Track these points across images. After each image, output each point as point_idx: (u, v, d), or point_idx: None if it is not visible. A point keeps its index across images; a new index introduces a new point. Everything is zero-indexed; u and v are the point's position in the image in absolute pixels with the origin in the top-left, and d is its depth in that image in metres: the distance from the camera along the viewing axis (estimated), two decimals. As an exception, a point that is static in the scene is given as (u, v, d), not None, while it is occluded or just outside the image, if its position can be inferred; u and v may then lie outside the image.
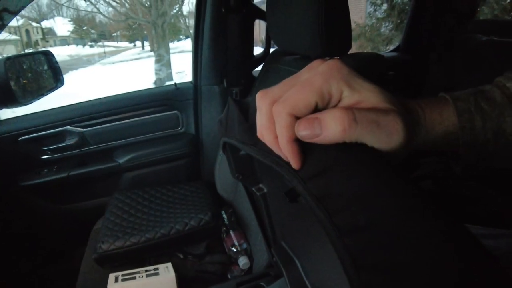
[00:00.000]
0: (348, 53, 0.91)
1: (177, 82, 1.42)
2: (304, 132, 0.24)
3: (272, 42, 1.16)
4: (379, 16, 6.91)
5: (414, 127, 0.27)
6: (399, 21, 6.40)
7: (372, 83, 0.26)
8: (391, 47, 2.00)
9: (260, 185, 0.54)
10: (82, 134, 1.30)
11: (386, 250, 0.20)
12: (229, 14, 1.22)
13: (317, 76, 0.25)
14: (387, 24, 6.86)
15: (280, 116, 0.25)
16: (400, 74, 1.72)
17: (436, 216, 0.21)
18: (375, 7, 6.91)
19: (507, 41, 1.59)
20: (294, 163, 0.26)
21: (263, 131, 0.28)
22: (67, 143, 1.30)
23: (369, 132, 0.24)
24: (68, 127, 1.28)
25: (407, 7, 6.25)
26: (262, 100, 0.27)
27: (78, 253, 1.16)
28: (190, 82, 1.43)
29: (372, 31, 7.04)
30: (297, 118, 0.25)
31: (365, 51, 6.91)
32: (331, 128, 0.24)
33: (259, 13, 1.27)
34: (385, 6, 6.74)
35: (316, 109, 0.25)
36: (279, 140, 0.26)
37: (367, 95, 0.25)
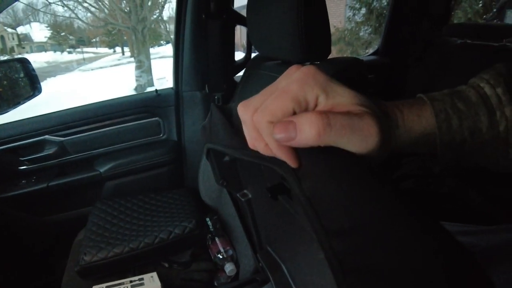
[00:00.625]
0: (328, 57, 0.92)
1: (158, 89, 1.40)
2: (279, 135, 0.25)
3: (253, 47, 1.17)
4: (358, 20, 7.05)
5: (391, 129, 0.28)
6: (377, 24, 6.54)
7: (347, 88, 0.27)
8: (370, 51, 2.04)
9: (245, 191, 0.54)
10: (62, 143, 1.27)
11: (371, 254, 0.20)
12: (210, 20, 1.22)
13: (293, 84, 0.26)
14: (366, 28, 7.00)
15: (261, 126, 0.26)
16: (379, 77, 1.76)
17: (418, 220, 0.22)
18: (354, 11, 7.04)
19: (480, 44, 1.65)
20: (292, 164, 0.26)
21: (254, 142, 0.28)
22: (46, 152, 1.26)
23: (343, 136, 0.25)
24: (47, 136, 1.25)
25: (385, 11, 6.40)
26: (244, 112, 0.28)
27: (60, 266, 1.13)
28: (171, 88, 1.42)
29: (351, 35, 7.17)
30: None
31: (345, 55, 7.03)
32: (305, 132, 0.24)
33: (239, 19, 1.27)
34: (363, 11, 6.87)
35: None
36: (270, 148, 0.27)
37: (342, 99, 0.26)
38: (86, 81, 9.52)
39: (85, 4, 8.91)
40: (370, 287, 0.20)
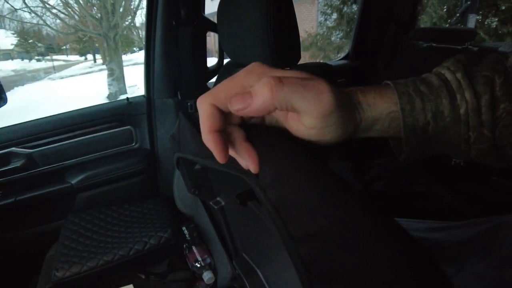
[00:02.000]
0: (300, 63, 0.94)
1: (129, 96, 1.38)
2: (236, 105, 0.25)
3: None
4: (330, 25, 7.19)
5: (352, 104, 0.28)
6: (348, 29, 6.69)
7: (297, 71, 0.27)
8: (342, 55, 2.09)
9: (218, 199, 0.54)
10: (30, 155, 1.23)
11: (336, 258, 0.21)
12: (180, 26, 1.21)
13: (240, 72, 0.27)
14: (337, 32, 7.15)
15: (202, 107, 0.27)
16: (350, 80, 1.80)
17: (382, 224, 0.22)
18: (326, 17, 7.17)
19: (445, 47, 1.72)
20: (217, 155, 0.26)
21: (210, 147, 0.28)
22: (12, 165, 1.21)
23: (296, 92, 0.25)
24: (13, 148, 1.20)
25: (355, 16, 6.56)
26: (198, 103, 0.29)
27: (31, 284, 1.09)
28: (143, 96, 1.40)
29: (323, 40, 7.30)
30: (220, 110, 0.27)
31: (317, 59, 7.15)
32: (260, 94, 0.25)
33: (210, 25, 1.27)
34: (335, 16, 7.02)
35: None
36: (201, 133, 0.27)
37: (291, 74, 0.26)
38: (56, 89, 9.22)
39: (54, 11, 8.67)
40: None
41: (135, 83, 7.61)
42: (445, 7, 5.76)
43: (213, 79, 1.32)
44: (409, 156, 0.30)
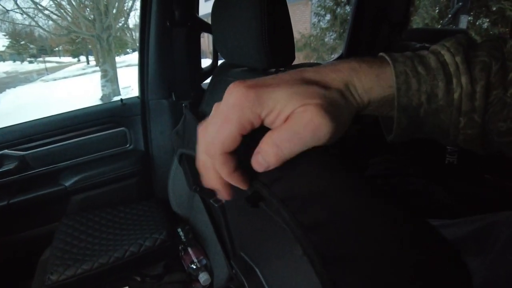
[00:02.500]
0: (294, 63, 0.94)
1: (123, 98, 1.37)
2: (258, 168, 0.27)
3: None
4: (323, 26, 7.22)
5: (343, 101, 0.28)
6: (342, 30, 6.73)
7: (284, 87, 0.27)
8: (335, 55, 2.10)
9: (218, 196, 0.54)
10: (23, 158, 1.21)
11: (348, 243, 0.21)
12: (174, 27, 1.21)
13: (231, 111, 0.27)
14: (330, 33, 7.19)
15: (216, 158, 0.28)
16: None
17: (392, 208, 0.23)
18: (319, 18, 7.21)
19: (437, 47, 1.73)
20: (242, 187, 0.29)
21: (212, 187, 0.31)
22: (5, 168, 1.20)
23: (295, 147, 0.26)
24: (6, 150, 1.19)
25: (348, 17, 6.60)
26: (199, 152, 0.30)
27: (24, 288, 1.08)
28: (137, 97, 1.39)
29: (317, 41, 7.33)
30: (230, 153, 0.28)
31: (311, 60, 7.17)
32: (271, 161, 0.26)
33: (204, 26, 1.27)
34: (328, 17, 7.06)
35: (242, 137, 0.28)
36: (223, 176, 0.29)
37: (282, 103, 0.26)
38: (49, 91, 9.15)
39: (46, 12, 8.60)
40: (350, 274, 0.20)
41: (129, 84, 7.57)
42: (437, 8, 5.81)
43: (208, 80, 1.32)
44: (397, 137, 0.30)
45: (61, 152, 1.27)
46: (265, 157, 0.26)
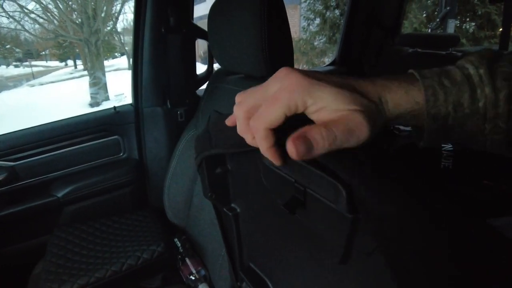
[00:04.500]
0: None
1: (116, 106, 1.35)
2: (301, 149, 0.29)
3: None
4: (313, 30, 7.27)
5: (380, 112, 0.31)
6: (331, 34, 6.79)
7: (333, 87, 0.30)
8: (326, 59, 2.11)
9: (232, 205, 0.53)
10: (13, 169, 1.18)
11: (402, 237, 0.24)
12: (169, 34, 1.19)
13: (283, 92, 0.30)
14: (320, 37, 7.23)
15: (259, 131, 0.31)
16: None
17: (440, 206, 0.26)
18: (309, 22, 7.26)
19: (430, 52, 1.76)
20: (278, 163, 0.32)
21: (242, 134, 0.34)
22: (-6, 180, 1.16)
23: (345, 141, 0.29)
24: None
25: (338, 21, 6.67)
26: (238, 108, 0.33)
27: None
28: (131, 104, 1.36)
29: (306, 45, 7.38)
30: (271, 129, 0.31)
31: (300, 64, 7.21)
32: (320, 145, 0.29)
33: (199, 33, 1.26)
34: (318, 20, 7.11)
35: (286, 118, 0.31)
36: (260, 149, 0.32)
37: (329, 100, 0.30)
38: (36, 96, 8.99)
39: (33, 15, 8.47)
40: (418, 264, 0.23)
41: (122, 91, 7.47)
42: (425, 12, 5.91)
43: (203, 86, 1.30)
44: (427, 143, 0.33)
45: (53, 162, 1.24)
46: (318, 140, 0.29)
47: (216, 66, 1.24)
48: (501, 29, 1.82)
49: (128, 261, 0.96)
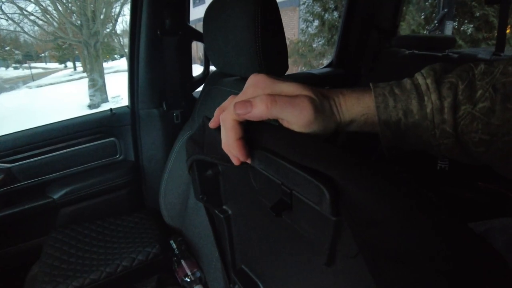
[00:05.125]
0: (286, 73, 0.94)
1: (112, 107, 1.35)
2: (239, 110, 0.33)
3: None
4: (311, 32, 7.28)
5: (332, 107, 0.35)
6: (330, 36, 6.80)
7: (292, 83, 0.35)
8: (324, 61, 2.12)
9: (224, 207, 0.53)
10: (9, 170, 1.18)
11: (397, 240, 0.24)
12: (165, 36, 1.20)
13: (249, 88, 0.35)
14: (318, 39, 7.25)
15: (226, 122, 0.34)
16: (335, 88, 1.82)
17: (435, 212, 0.25)
18: (307, 24, 7.27)
19: (426, 54, 1.76)
20: (241, 156, 0.34)
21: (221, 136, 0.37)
22: (-10, 181, 1.16)
23: (285, 109, 0.33)
24: None
25: (336, 23, 6.68)
26: (218, 111, 0.38)
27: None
28: (127, 106, 1.37)
29: (305, 47, 7.39)
30: (240, 122, 0.34)
31: (299, 66, 7.22)
32: (258, 106, 0.33)
33: (195, 35, 1.26)
34: (316, 23, 7.12)
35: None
36: (227, 141, 0.34)
37: (289, 90, 0.34)
38: (35, 98, 8.99)
39: (32, 17, 8.47)
40: (396, 269, 0.23)
41: (118, 93, 7.48)
42: (422, 14, 5.92)
43: (199, 88, 1.30)
44: (388, 149, 0.36)
45: (49, 164, 1.24)
46: (256, 102, 0.33)
47: (212, 68, 1.24)
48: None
49: (123, 262, 0.97)
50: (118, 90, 7.87)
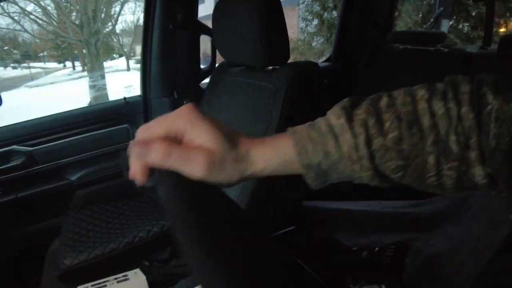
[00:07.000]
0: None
1: (126, 96, 1.44)
2: (136, 150, 0.32)
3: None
4: (311, 31, 7.36)
5: (239, 160, 0.34)
6: (329, 35, 6.87)
7: (212, 129, 0.33)
8: (323, 59, 2.21)
9: None
10: (30, 153, 1.27)
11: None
12: (177, 30, 1.29)
13: (172, 115, 0.33)
14: (318, 38, 7.33)
15: (136, 145, 0.33)
16: (332, 81, 1.92)
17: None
18: (307, 23, 7.35)
19: (419, 49, 1.86)
20: (140, 181, 0.33)
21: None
22: (13, 163, 1.25)
23: (178, 164, 0.32)
24: (14, 146, 1.24)
25: (335, 22, 6.76)
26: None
27: (31, 283, 1.12)
28: (139, 95, 1.46)
29: (305, 45, 7.46)
30: None
31: (300, 63, 7.24)
32: (153, 155, 0.32)
33: (204, 29, 1.36)
34: (315, 22, 7.20)
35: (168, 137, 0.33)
36: (132, 163, 0.33)
37: (201, 134, 0.33)
38: (34, 97, 9.01)
39: (32, 16, 8.50)
40: None
41: (131, 83, 7.50)
42: (420, 13, 6.02)
43: (206, 80, 1.40)
44: (314, 185, 0.37)
45: (67, 148, 1.33)
46: (153, 150, 0.31)
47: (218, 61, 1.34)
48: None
49: (140, 234, 1.06)
50: (118, 91, 7.90)
